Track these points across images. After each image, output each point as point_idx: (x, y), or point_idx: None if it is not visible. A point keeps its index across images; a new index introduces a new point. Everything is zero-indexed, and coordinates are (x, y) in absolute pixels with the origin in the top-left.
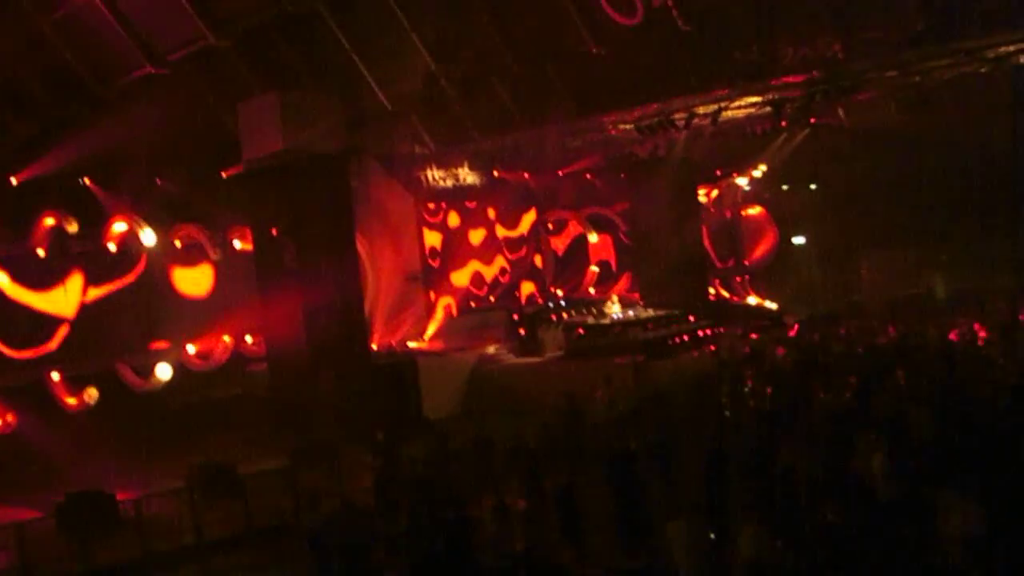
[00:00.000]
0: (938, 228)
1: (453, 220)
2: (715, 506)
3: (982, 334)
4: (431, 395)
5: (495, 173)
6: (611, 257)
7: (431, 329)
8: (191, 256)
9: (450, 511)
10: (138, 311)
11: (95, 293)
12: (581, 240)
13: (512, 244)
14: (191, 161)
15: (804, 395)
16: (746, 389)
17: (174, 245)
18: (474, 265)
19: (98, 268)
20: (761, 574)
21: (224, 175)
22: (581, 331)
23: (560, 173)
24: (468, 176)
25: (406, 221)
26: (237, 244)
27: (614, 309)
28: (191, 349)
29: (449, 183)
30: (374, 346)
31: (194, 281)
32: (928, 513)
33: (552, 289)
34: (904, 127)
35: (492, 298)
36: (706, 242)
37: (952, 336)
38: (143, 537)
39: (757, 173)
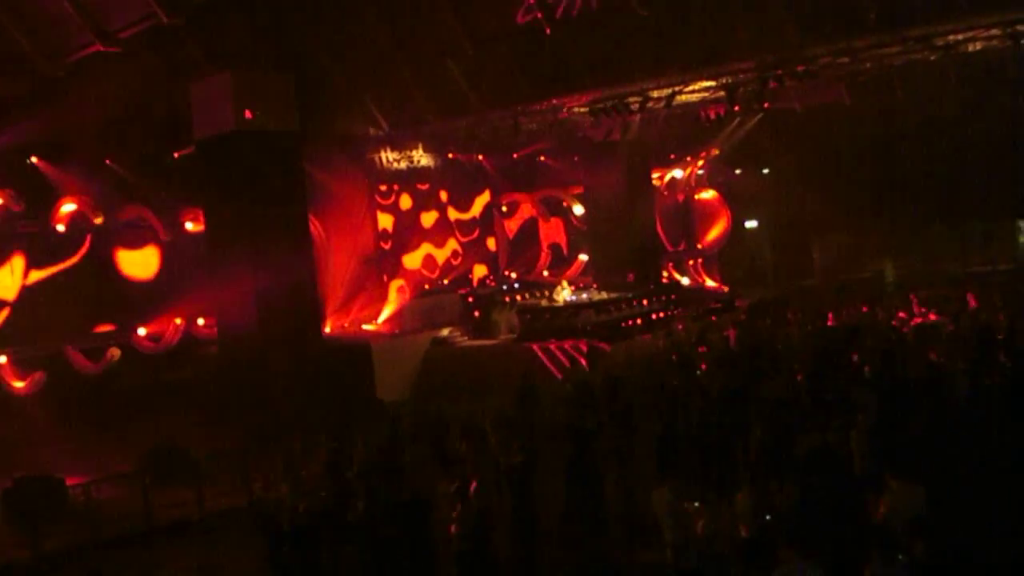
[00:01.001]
0: (889, 213)
1: (405, 202)
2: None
3: (932, 318)
4: (385, 378)
5: (449, 155)
6: (563, 240)
7: (384, 312)
8: (139, 237)
9: (406, 494)
10: (87, 293)
11: (37, 275)
12: (534, 223)
13: (465, 227)
14: (142, 141)
15: (754, 378)
16: (698, 372)
17: (122, 226)
18: (426, 248)
19: (41, 250)
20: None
21: (175, 155)
22: (534, 314)
23: (514, 156)
24: (422, 158)
25: (359, 203)
26: (189, 226)
27: (567, 292)
28: (142, 331)
29: (402, 165)
30: (327, 329)
31: (141, 263)
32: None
33: (505, 272)
34: (856, 112)
35: (445, 281)
36: (659, 225)
37: (898, 320)
38: (93, 522)
39: (711, 157)
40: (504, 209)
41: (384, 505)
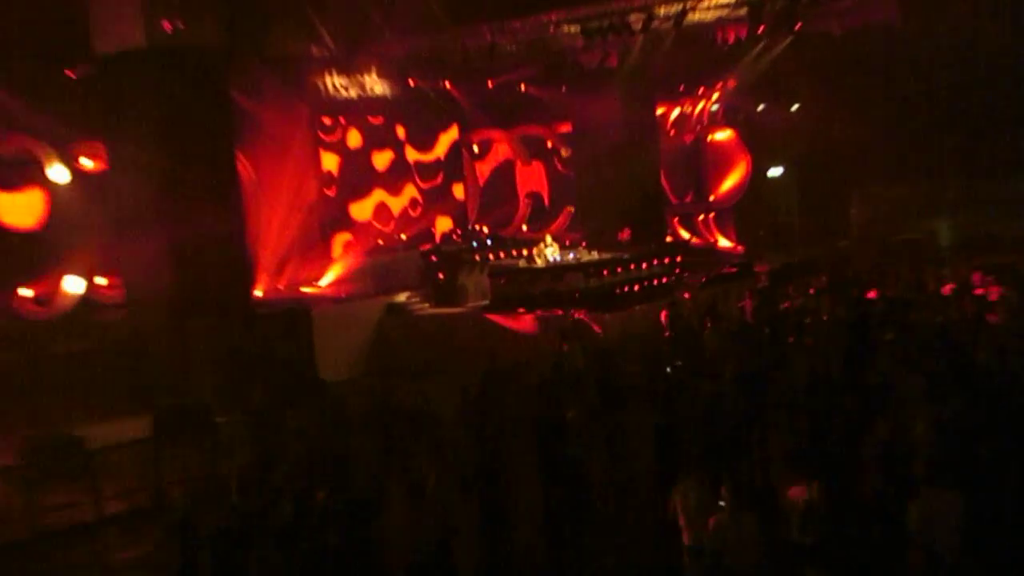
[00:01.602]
0: (944, 161)
1: (354, 139)
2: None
3: (995, 290)
4: (327, 352)
5: (409, 82)
6: (545, 188)
7: (328, 273)
8: (20, 176)
9: (348, 494)
10: None
11: None
12: (511, 167)
13: (426, 170)
14: (26, 56)
15: (775, 359)
16: (706, 351)
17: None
18: (379, 195)
19: None
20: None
21: (69, 75)
22: (509, 277)
23: (489, 84)
24: (375, 85)
25: (298, 139)
26: (86, 163)
27: (550, 251)
28: (25, 292)
29: (352, 93)
30: (258, 292)
31: (24, 208)
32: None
33: (475, 226)
34: (908, 37)
35: (402, 236)
36: (663, 172)
37: (954, 292)
38: None
39: (728, 90)
40: (475, 149)
41: (322, 507)
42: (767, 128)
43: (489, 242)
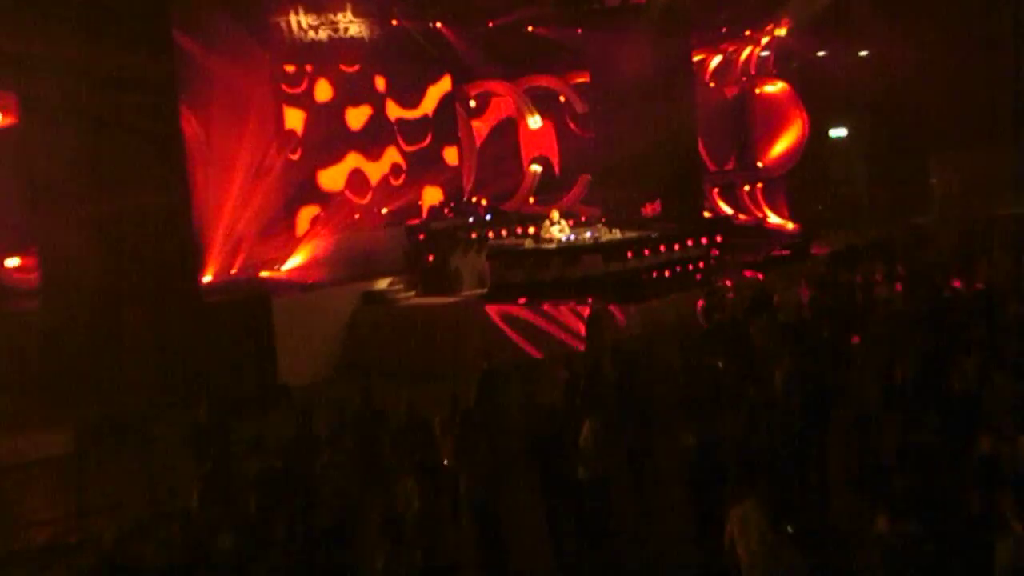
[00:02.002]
0: None
1: (323, 91)
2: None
3: None
4: (291, 350)
5: (392, 21)
6: (556, 152)
7: (294, 255)
8: None
9: (315, 523)
10: None
11: None
12: (514, 126)
13: (411, 130)
14: None
15: (840, 362)
16: (752, 351)
17: None
18: (353, 160)
19: None
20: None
21: None
22: (512, 260)
23: (489, 24)
24: (351, 25)
25: (256, 92)
26: None
27: (557, 229)
28: None
29: (321, 35)
30: (207, 277)
31: None
32: None
33: (472, 198)
34: None
35: (384, 210)
36: (701, 133)
37: None
38: None
39: (780, 32)
40: (472, 104)
41: (284, 540)
42: (828, 79)
43: (488, 217)
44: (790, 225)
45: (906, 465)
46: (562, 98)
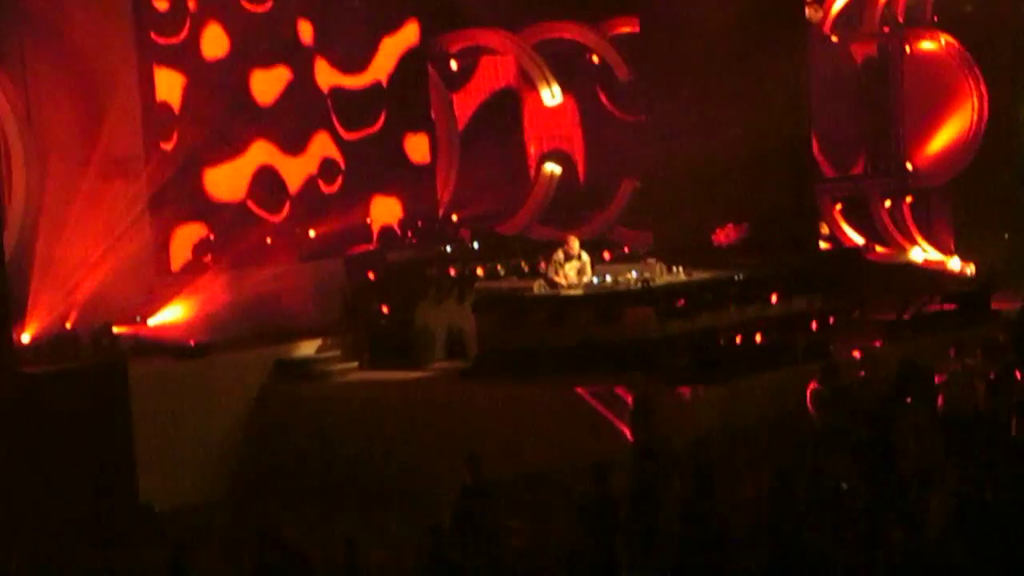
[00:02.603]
0: None
1: (214, 43)
2: None
3: None
4: (160, 451)
5: None
6: (581, 144)
7: (166, 302)
8: None
9: None
10: None
11: None
12: (515, 101)
13: (356, 107)
14: None
15: None
16: (898, 465)
17: None
18: (261, 153)
19: None
20: None
21: None
22: (511, 311)
23: None
24: None
25: (107, 42)
26: None
27: (581, 269)
28: None
29: None
30: (27, 333)
31: None
32: None
33: (452, 216)
34: None
35: (310, 231)
36: (816, 119)
37: None
38: None
39: None
40: (452, 66)
41: None
42: (1016, 34)
43: (475, 246)
44: (956, 264)
45: None
46: (595, 59)
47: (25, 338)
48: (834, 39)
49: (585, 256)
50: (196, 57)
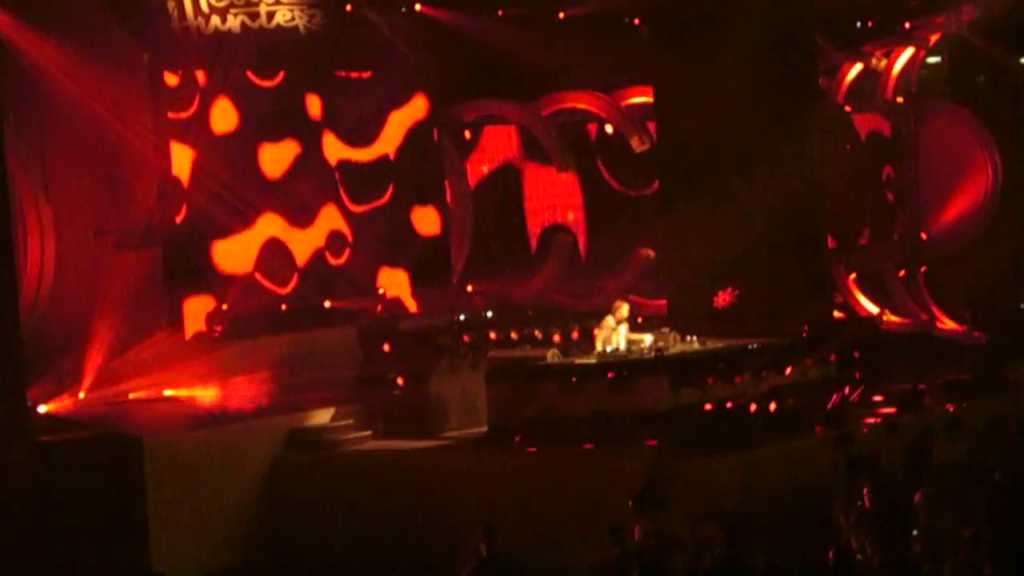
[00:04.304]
0: None
1: (223, 116)
2: None
3: None
4: (174, 522)
5: (346, 5)
6: (580, 211)
7: (180, 373)
8: None
9: None
10: None
11: None
12: (516, 175)
13: (362, 177)
14: None
15: None
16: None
17: None
18: (270, 225)
19: None
20: None
21: None
22: (524, 379)
23: (500, 13)
24: (277, 9)
25: (127, 114)
26: None
27: (612, 334)
28: None
29: (232, 22)
30: (41, 402)
31: None
32: None
33: (468, 287)
34: None
35: (326, 303)
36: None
37: None
38: None
39: (959, 24)
40: (466, 136)
41: None
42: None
43: (488, 314)
44: (971, 333)
45: None
46: (609, 128)
47: (41, 408)
48: (848, 109)
49: (620, 325)
50: (203, 130)
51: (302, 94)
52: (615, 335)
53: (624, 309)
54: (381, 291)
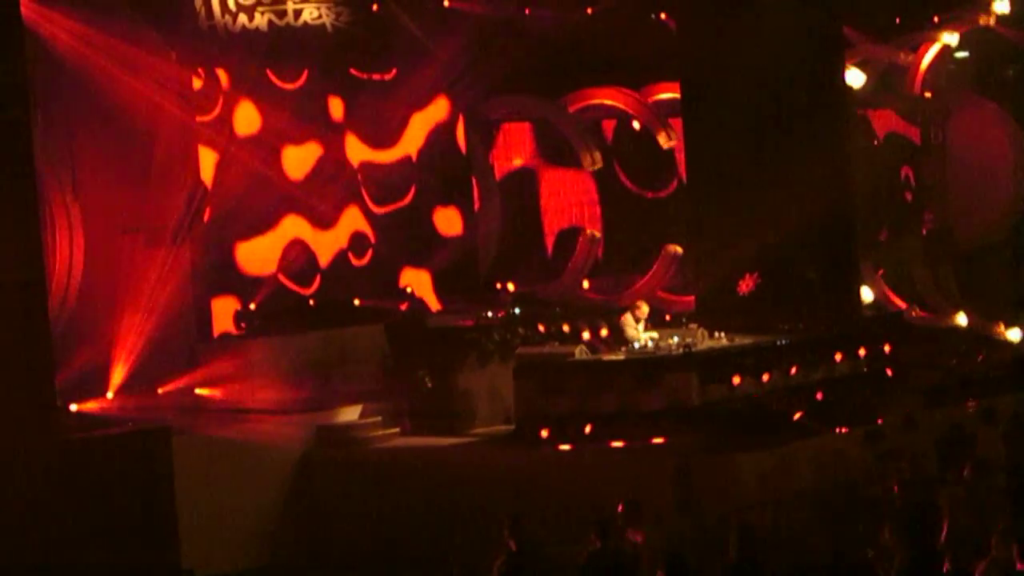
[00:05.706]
0: None
1: (246, 119)
2: None
3: None
4: (203, 517)
5: (373, 5)
6: (598, 217)
7: (207, 371)
8: None
9: None
10: None
11: None
12: (533, 178)
13: (384, 179)
14: None
15: None
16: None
17: None
18: (292, 227)
19: None
20: None
21: None
22: (552, 375)
23: (527, 11)
24: (304, 7)
25: (157, 108)
26: None
27: (636, 331)
28: None
29: (259, 21)
30: (72, 399)
31: None
32: None
33: (497, 284)
34: None
35: (356, 302)
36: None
37: None
38: None
39: (989, 19)
40: (494, 134)
41: None
42: None
43: (516, 311)
44: (1000, 328)
45: None
46: (636, 123)
47: (72, 407)
48: (874, 111)
49: (643, 320)
50: (227, 132)
51: (324, 96)
52: (632, 328)
53: (644, 308)
54: (409, 289)
